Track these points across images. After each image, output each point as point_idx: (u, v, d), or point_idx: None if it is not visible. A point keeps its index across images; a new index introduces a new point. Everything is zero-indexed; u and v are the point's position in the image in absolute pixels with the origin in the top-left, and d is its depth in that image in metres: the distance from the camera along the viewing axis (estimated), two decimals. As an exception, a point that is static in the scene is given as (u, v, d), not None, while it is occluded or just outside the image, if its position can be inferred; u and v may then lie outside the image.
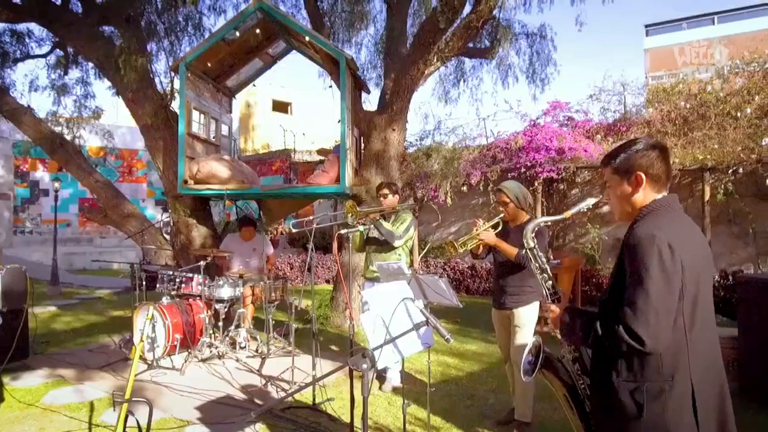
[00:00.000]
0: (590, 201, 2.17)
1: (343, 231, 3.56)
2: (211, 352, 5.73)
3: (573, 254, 9.14)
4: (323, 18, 8.19)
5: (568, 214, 2.24)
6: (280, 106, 25.73)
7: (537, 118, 11.06)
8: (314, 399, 4.41)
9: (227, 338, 5.92)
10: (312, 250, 4.27)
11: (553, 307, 2.05)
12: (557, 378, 2.07)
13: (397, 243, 4.55)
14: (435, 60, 7.26)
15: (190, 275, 6.05)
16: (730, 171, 8.05)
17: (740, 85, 9.26)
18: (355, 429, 3.93)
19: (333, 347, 6.30)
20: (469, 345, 6.35)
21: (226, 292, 5.97)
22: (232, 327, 6.00)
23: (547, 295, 2.11)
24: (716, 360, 1.82)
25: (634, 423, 1.73)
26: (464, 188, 10.41)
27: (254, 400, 4.56)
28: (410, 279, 3.14)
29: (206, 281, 6.00)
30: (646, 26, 32.30)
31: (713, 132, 8.79)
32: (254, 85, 9.15)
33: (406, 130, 7.70)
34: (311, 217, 4.42)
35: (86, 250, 17.61)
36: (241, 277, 6.09)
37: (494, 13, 7.64)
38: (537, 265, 2.15)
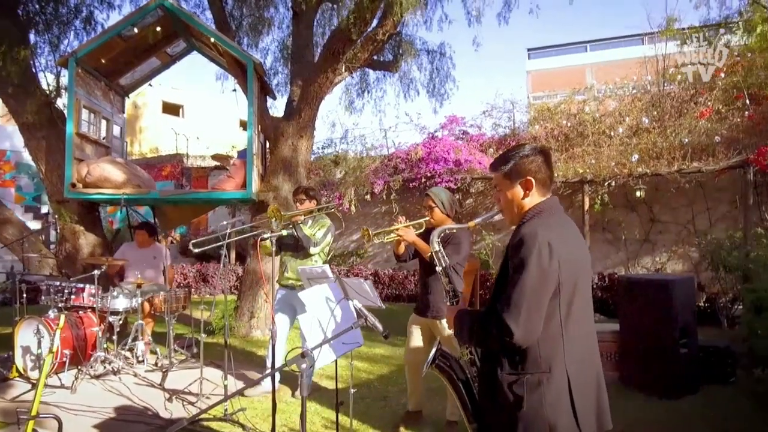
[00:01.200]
0: (494, 213, 2.21)
1: (266, 235, 3.51)
2: (105, 367, 5.35)
3: (471, 259, 9.62)
4: (228, 21, 8.01)
5: (472, 223, 2.37)
6: (172, 109, 24.52)
7: (435, 131, 11.55)
8: (225, 410, 4.28)
9: (123, 352, 5.56)
10: (225, 255, 4.16)
11: (449, 309, 2.16)
12: (449, 374, 2.17)
13: (313, 250, 4.55)
14: (343, 70, 7.39)
15: (81, 286, 5.60)
16: (605, 184, 8.94)
17: (613, 108, 10.33)
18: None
19: (240, 357, 6.13)
20: (377, 349, 6.48)
21: (121, 303, 5.61)
22: (129, 340, 5.64)
23: (448, 298, 2.22)
24: (593, 352, 1.94)
25: (516, 414, 1.79)
26: (367, 197, 10.59)
27: (159, 415, 4.34)
28: (335, 282, 3.17)
29: (99, 292, 5.59)
30: (528, 50, 34.87)
31: (591, 148, 9.72)
32: (150, 85, 8.68)
33: (314, 137, 7.72)
34: (225, 222, 4.30)
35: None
36: (138, 286, 5.76)
37: (399, 28, 7.95)
38: (441, 268, 2.26)
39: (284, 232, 3.72)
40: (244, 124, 27.11)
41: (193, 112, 24.83)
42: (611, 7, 54.29)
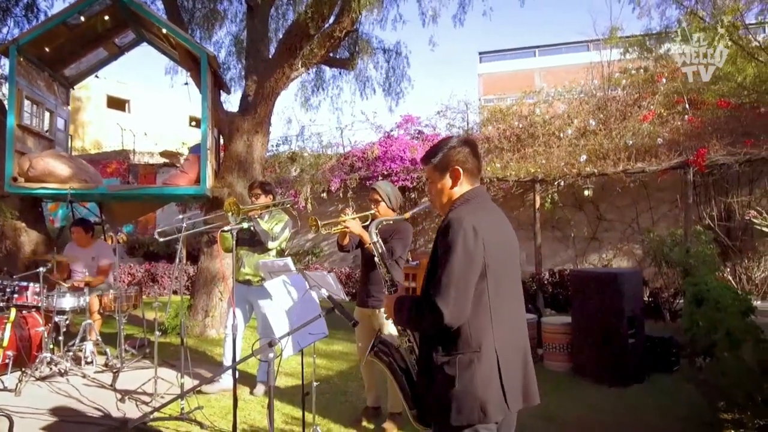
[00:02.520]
0: (426, 204, 2.39)
1: (227, 228, 3.44)
2: (51, 369, 5.10)
3: (426, 256, 9.73)
4: (180, 13, 7.79)
5: (407, 215, 2.53)
6: (117, 103, 23.61)
7: (391, 131, 11.60)
8: (182, 409, 4.16)
9: (70, 353, 5.33)
10: (181, 250, 4.06)
11: (388, 297, 2.22)
12: (388, 362, 2.24)
13: (271, 244, 4.49)
14: (299, 65, 7.32)
15: (25, 284, 5.33)
16: (555, 183, 9.22)
17: (562, 110, 10.67)
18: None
19: (195, 356, 5.97)
20: (334, 346, 6.44)
21: (68, 302, 5.38)
22: (77, 340, 5.41)
23: (386, 288, 2.28)
24: (521, 332, 2.04)
25: (450, 392, 1.86)
26: (324, 195, 10.54)
27: (112, 416, 4.18)
28: (298, 275, 3.15)
29: (44, 290, 5.33)
30: (480, 53, 35.57)
31: (541, 149, 10.00)
32: (96, 77, 8.34)
33: (270, 133, 7.62)
34: (180, 216, 4.18)
35: None
36: (87, 285, 5.53)
37: (356, 26, 7.96)
38: (378, 257, 2.32)
39: (246, 225, 3.64)
40: (193, 121, 26.45)
41: (139, 108, 24.01)
42: (559, 14, 56.12)
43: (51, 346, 5.20)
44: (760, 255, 9.03)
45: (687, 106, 9.72)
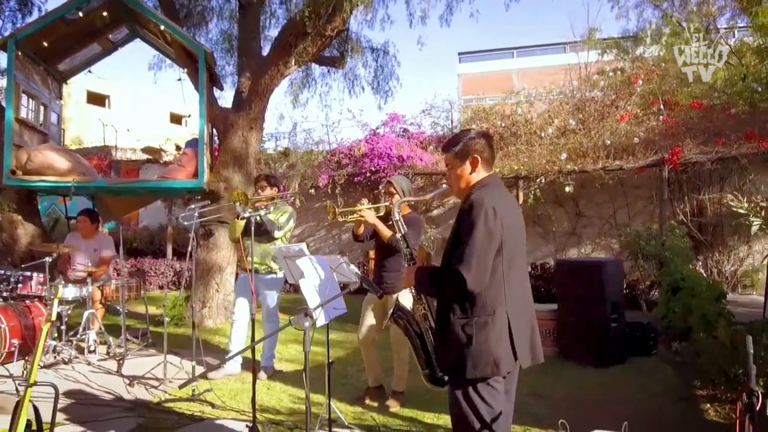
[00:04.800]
0: (444, 188, 2.68)
1: (246, 214, 3.64)
2: (55, 357, 5.23)
3: (420, 249, 10.02)
4: (176, 9, 7.91)
5: (428, 196, 2.81)
6: (97, 99, 23.38)
7: (377, 128, 11.84)
8: (193, 391, 4.35)
9: (74, 342, 5.45)
10: (194, 239, 4.24)
11: (407, 268, 2.54)
12: (405, 326, 2.55)
13: (277, 234, 4.70)
14: (293, 63, 7.51)
15: (29, 274, 5.44)
16: (537, 180, 9.58)
17: (543, 110, 11.05)
18: (242, 413, 4.05)
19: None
20: (330, 335, 6.63)
21: (70, 292, 5.50)
22: (80, 329, 5.53)
23: (405, 260, 2.58)
24: (528, 302, 2.34)
25: (466, 350, 2.13)
26: (312, 191, 10.73)
27: (123, 398, 4.34)
28: (310, 260, 3.37)
29: (47, 280, 5.45)
30: (459, 54, 36.01)
31: (524, 147, 10.36)
32: (89, 71, 8.39)
33: (264, 129, 7.80)
34: (193, 206, 4.36)
35: None
36: (89, 275, 5.65)
37: (346, 25, 8.18)
38: (400, 234, 2.62)
39: (263, 212, 3.85)
40: (175, 118, 26.33)
41: (120, 103, 23.82)
42: (538, 17, 57.00)
43: (55, 335, 5.32)
44: (730, 249, 9.52)
45: (662, 107, 10.18)
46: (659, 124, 9.87)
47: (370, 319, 4.29)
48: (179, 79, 7.87)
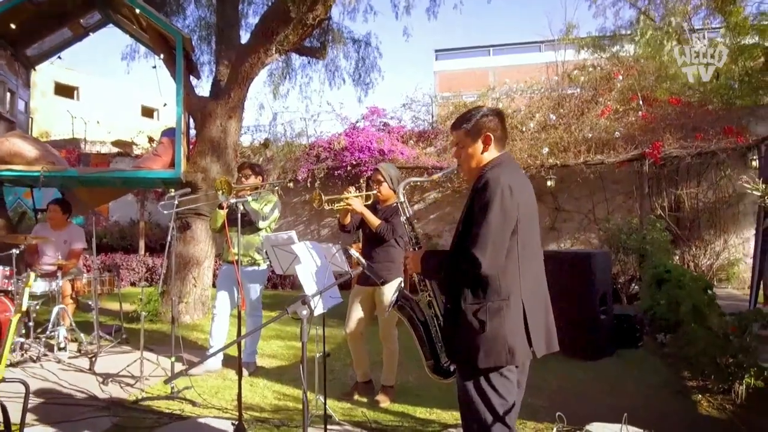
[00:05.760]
0: (452, 168, 2.55)
1: (233, 200, 3.44)
2: (23, 355, 4.94)
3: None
4: (151, -7, 7.61)
5: (435, 177, 2.69)
6: (65, 90, 22.61)
7: (357, 122, 11.67)
8: (172, 388, 4.14)
9: (42, 339, 5.16)
10: (173, 228, 4.03)
11: (413, 253, 2.35)
12: (409, 314, 2.39)
13: (262, 224, 4.51)
14: (274, 51, 7.30)
15: (-6, 267, 5.13)
16: (520, 174, 9.53)
17: (524, 104, 11.04)
18: (224, 410, 3.86)
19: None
20: (313, 330, 6.47)
21: (39, 286, 5.22)
22: (49, 326, 5.25)
23: (411, 245, 2.42)
24: (542, 285, 2.22)
25: (479, 337, 2.01)
26: (290, 184, 10.51)
27: (97, 397, 4.11)
28: (300, 247, 3.20)
29: (13, 273, 5.15)
30: (436, 51, 35.98)
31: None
32: (59, 57, 8.02)
33: (243, 119, 7.57)
34: (173, 193, 4.14)
35: None
36: (59, 268, 5.37)
37: (328, 14, 8.00)
38: (406, 217, 2.45)
39: (249, 199, 3.65)
40: (147, 111, 25.67)
41: (89, 96, 23.08)
42: (516, 14, 57.32)
43: (22, 332, 5.03)
44: (707, 243, 9.66)
45: (641, 102, 10.25)
46: (638, 120, 9.93)
47: (357, 312, 4.12)
48: (154, 67, 7.56)
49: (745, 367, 3.91)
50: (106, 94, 22.48)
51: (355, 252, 2.45)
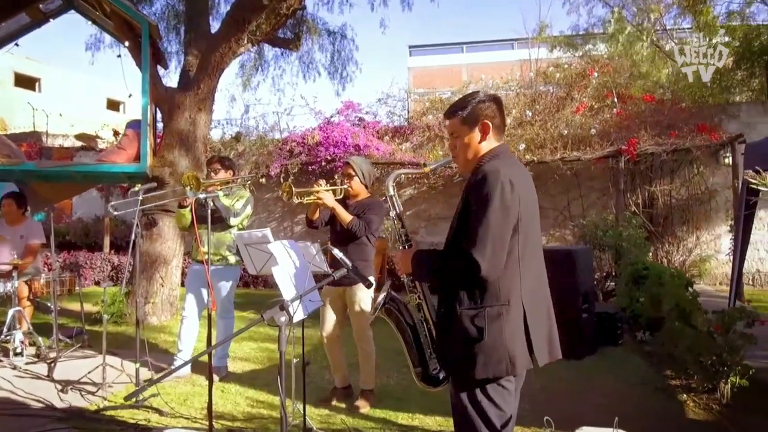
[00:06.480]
0: (447, 160, 2.33)
1: (202, 196, 3.20)
2: (-26, 361, 4.61)
3: (380, 240, 9.70)
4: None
5: (427, 169, 2.47)
6: (26, 81, 21.69)
7: (331, 117, 11.43)
8: (136, 397, 3.88)
9: (-3, 344, 4.83)
10: (138, 226, 3.76)
11: (402, 252, 2.13)
12: (396, 317, 2.18)
13: (233, 221, 4.27)
14: (246, 40, 7.03)
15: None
16: (496, 171, 9.45)
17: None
18: (193, 420, 3.63)
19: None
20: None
21: (-8, 287, 4.88)
22: (4, 329, 4.90)
23: (399, 242, 2.20)
24: (543, 286, 2.05)
25: (477, 345, 1.83)
26: (262, 180, 10.22)
27: (55, 407, 3.82)
28: (276, 246, 2.98)
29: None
30: (410, 47, 35.88)
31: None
32: (17, 44, 7.56)
33: (213, 111, 7.28)
34: (138, 188, 3.87)
35: None
36: (15, 268, 5.03)
37: (303, 3, 7.76)
38: (395, 213, 2.24)
39: (220, 194, 3.41)
40: (112, 104, 24.86)
41: (52, 87, 22.20)
42: (490, 11, 57.55)
43: (-26, 336, 4.69)
44: (679, 240, 9.75)
45: (615, 99, 10.28)
46: (613, 117, 9.96)
47: (330, 314, 3.93)
48: (119, 56, 7.18)
49: (729, 365, 3.86)
50: (69, 85, 21.66)
51: (338, 252, 2.24)
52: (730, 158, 8.71)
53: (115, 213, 3.68)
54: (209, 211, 3.23)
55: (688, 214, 9.72)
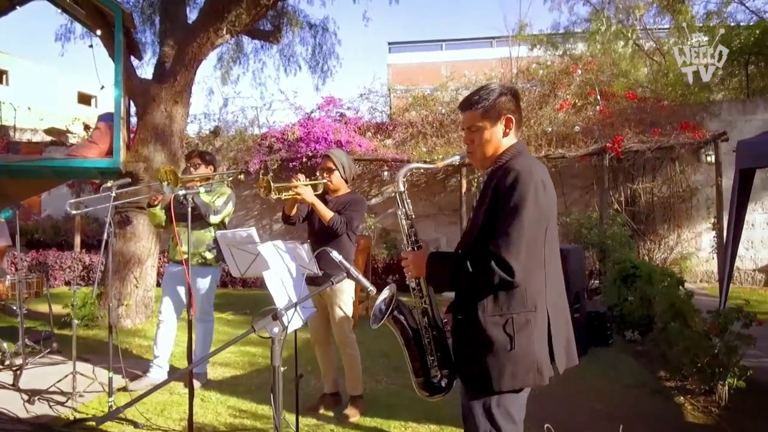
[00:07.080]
0: (458, 156, 2.18)
1: (182, 192, 2.97)
2: (-68, 370, 4.29)
3: (364, 238, 9.50)
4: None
5: (440, 164, 2.26)
6: (-9, 75, 20.96)
7: (312, 112, 11.19)
8: (110, 407, 3.63)
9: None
10: (110, 224, 3.51)
11: (413, 254, 1.95)
12: (402, 325, 2.01)
13: (213, 219, 4.04)
14: (225, 32, 6.76)
15: None
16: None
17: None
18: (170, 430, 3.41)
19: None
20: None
21: (-48, 290, 4.56)
22: (-35, 335, 4.60)
23: (409, 243, 2.01)
24: (563, 292, 1.96)
25: (505, 354, 1.73)
26: (241, 176, 9.94)
27: (21, 419, 3.55)
28: (262, 246, 2.77)
29: None
30: (389, 44, 35.68)
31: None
32: (-21, 33, 7.16)
33: (191, 104, 7.00)
34: (110, 183, 3.61)
35: None
36: (-23, 270, 4.71)
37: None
38: (404, 210, 2.06)
39: (202, 190, 3.18)
40: (84, 98, 24.14)
41: (20, 80, 21.44)
42: (470, 8, 57.52)
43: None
44: (661, 238, 9.78)
45: (599, 97, 10.26)
46: (596, 114, 9.93)
47: (317, 317, 3.72)
48: (91, 46, 6.83)
49: (727, 367, 3.78)
50: (38, 78, 20.94)
51: (337, 255, 2.05)
52: (713, 156, 8.74)
53: (74, 212, 3.40)
54: (189, 208, 3.01)
55: (670, 212, 9.75)
